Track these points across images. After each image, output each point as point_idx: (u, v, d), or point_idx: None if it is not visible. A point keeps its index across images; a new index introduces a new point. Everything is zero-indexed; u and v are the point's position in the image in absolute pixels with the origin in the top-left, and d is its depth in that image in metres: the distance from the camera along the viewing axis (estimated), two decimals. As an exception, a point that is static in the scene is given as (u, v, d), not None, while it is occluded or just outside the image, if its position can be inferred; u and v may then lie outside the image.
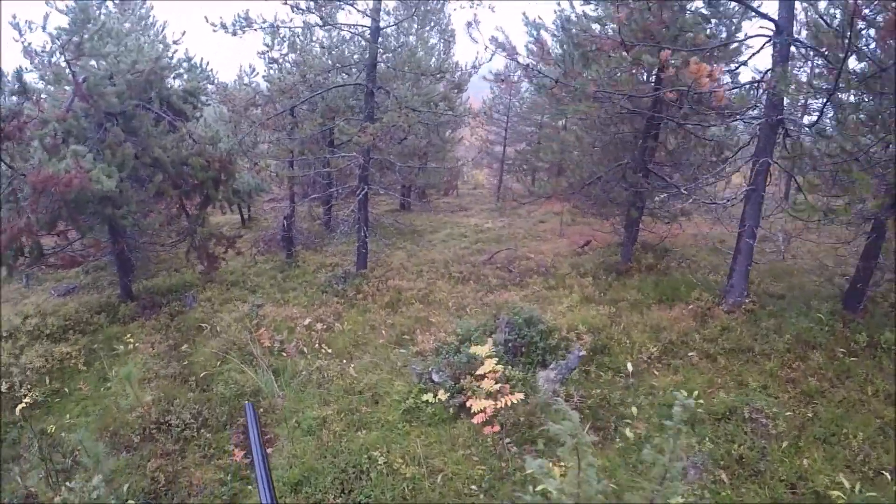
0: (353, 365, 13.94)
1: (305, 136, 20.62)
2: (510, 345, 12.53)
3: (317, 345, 15.30)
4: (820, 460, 10.02)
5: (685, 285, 18.07)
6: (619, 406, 11.94)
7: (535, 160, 38.17)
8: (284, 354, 14.87)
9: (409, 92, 18.75)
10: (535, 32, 15.49)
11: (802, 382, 12.23)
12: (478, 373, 10.40)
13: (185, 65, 24.90)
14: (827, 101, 11.94)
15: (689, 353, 14.01)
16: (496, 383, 10.03)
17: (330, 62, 20.84)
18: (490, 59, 16.97)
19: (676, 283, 18.52)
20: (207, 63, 29.45)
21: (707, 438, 10.72)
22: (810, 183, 14.21)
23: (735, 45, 17.08)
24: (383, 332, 15.98)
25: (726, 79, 15.73)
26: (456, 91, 22.88)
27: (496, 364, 10.21)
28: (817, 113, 13.87)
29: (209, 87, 28.33)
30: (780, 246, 16.80)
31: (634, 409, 11.72)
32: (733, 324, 15.15)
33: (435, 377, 11.80)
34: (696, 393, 11.96)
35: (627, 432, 10.96)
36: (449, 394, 11.27)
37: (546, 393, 11.84)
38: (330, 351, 14.68)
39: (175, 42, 26.97)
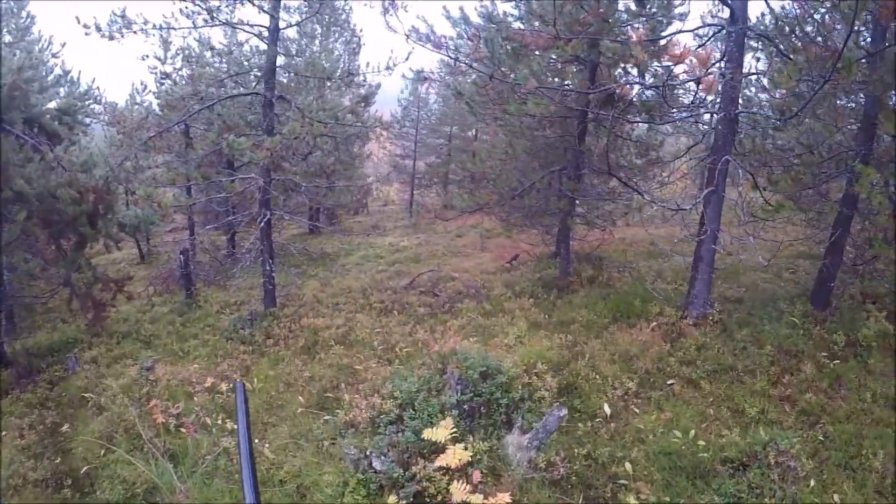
0: (267, 443, 10.55)
1: (199, 157, 17.04)
2: (465, 406, 9.44)
3: (222, 415, 11.86)
4: (850, 492, 8.38)
5: (639, 299, 15.53)
6: (609, 465, 9.17)
7: (448, 173, 35.57)
8: (183, 431, 11.29)
9: (313, 104, 15.46)
10: (463, 25, 12.86)
11: (799, 400, 10.64)
12: (439, 464, 7.26)
13: (60, 80, 21.02)
14: (816, 93, 9.60)
15: (669, 382, 11.75)
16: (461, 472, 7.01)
17: (224, 69, 17.35)
18: (407, 58, 13.96)
19: (628, 296, 15.94)
20: (94, 80, 25.42)
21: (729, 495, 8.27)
22: (773, 181, 12.85)
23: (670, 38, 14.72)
24: (301, 389, 12.58)
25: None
26: (363, 105, 19.85)
27: (460, 448, 7.17)
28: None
29: (95, 106, 24.46)
30: (749, 249, 14.53)
31: (629, 466, 9.07)
32: (707, 340, 13.10)
33: (376, 463, 8.48)
34: (692, 433, 9.74)
35: (631, 501, 8.18)
36: (398, 489, 8.00)
37: (520, 465, 8.85)
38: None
39: (54, 55, 22.83)
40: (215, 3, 14.27)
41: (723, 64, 13.17)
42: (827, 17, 12.63)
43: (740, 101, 14.48)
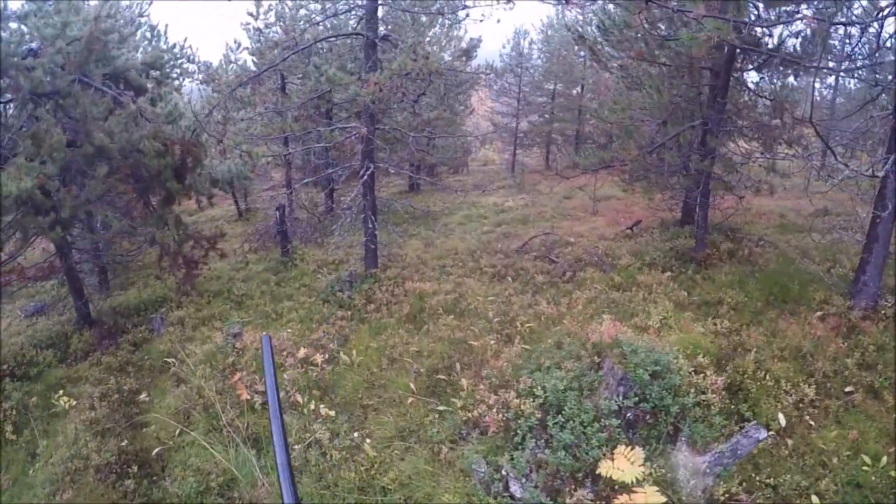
0: (368, 437, 8.39)
1: (294, 106, 14.88)
2: (628, 414, 6.98)
3: (315, 393, 9.79)
4: None
5: (795, 281, 12.60)
6: (792, 497, 6.88)
7: (551, 132, 32.61)
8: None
9: (421, 44, 13.00)
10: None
11: None
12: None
13: (147, 35, 19.31)
14: None
15: (847, 389, 9.26)
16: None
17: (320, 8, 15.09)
18: None
19: (780, 276, 13.06)
20: (185, 39, 23.97)
21: None
22: None
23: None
24: (407, 367, 10.37)
25: None
26: (464, 59, 17.29)
27: (654, 492, 4.72)
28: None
29: (189, 65, 22.82)
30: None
31: (815, 501, 6.80)
32: (887, 339, 10.38)
33: (515, 487, 6.13)
34: (883, 460, 7.62)
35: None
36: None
37: (693, 494, 6.38)
38: (331, 411, 8.93)
39: (141, 15, 21.17)
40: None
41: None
42: None
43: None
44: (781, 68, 14.11)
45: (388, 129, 15.11)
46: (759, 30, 12.30)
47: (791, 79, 14.97)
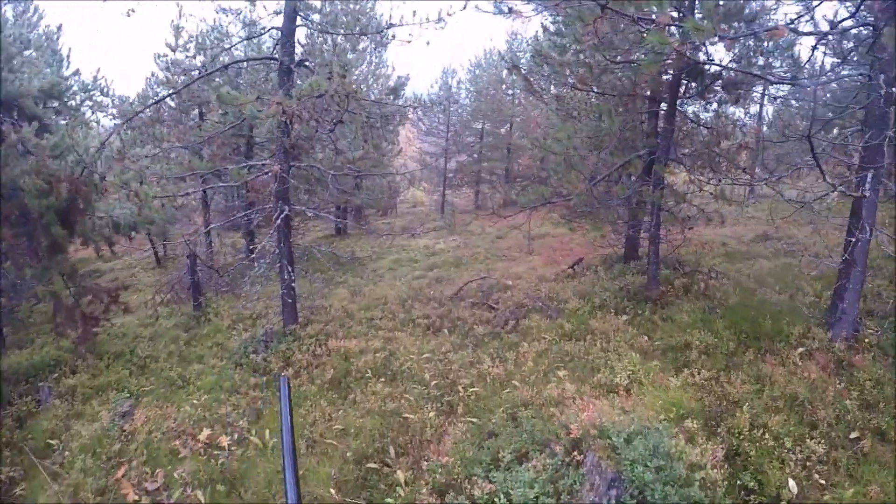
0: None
1: (202, 140, 12.65)
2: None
3: (220, 489, 7.45)
4: None
5: (766, 315, 11.04)
6: None
7: (480, 171, 31.09)
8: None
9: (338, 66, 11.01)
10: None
11: None
12: None
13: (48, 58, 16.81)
14: None
15: (851, 436, 7.78)
16: None
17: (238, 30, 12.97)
18: (464, 7, 9.28)
19: (746, 311, 11.46)
20: (98, 70, 21.47)
21: None
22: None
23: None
24: (330, 452, 8.14)
25: None
26: (392, 97, 15.44)
27: None
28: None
29: (103, 98, 20.30)
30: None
31: None
32: (880, 371, 9.03)
33: None
34: None
35: None
36: None
37: None
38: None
39: (47, 37, 18.54)
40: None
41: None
42: None
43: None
44: (724, 93, 12.81)
45: (305, 168, 12.95)
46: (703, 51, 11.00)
47: (730, 107, 13.80)
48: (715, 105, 13.36)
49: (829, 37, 9.69)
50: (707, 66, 11.81)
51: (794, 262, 15.00)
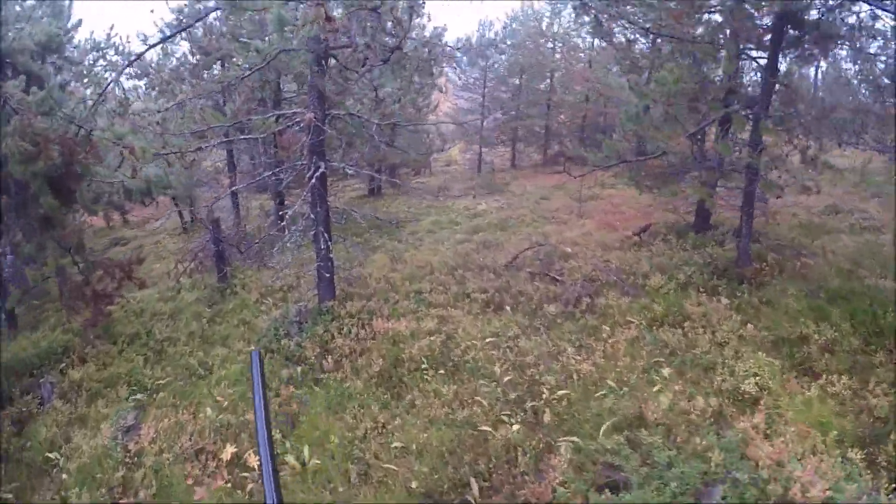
0: None
1: (221, 89, 10.44)
2: None
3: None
4: None
5: (884, 305, 8.84)
6: None
7: (517, 128, 28.54)
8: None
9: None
10: None
11: None
12: None
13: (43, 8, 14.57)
14: None
15: None
16: None
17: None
18: None
19: (855, 297, 9.37)
20: (112, 27, 19.26)
21: None
22: None
23: None
24: (390, 481, 6.11)
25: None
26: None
27: None
28: None
29: (117, 58, 18.06)
30: None
31: None
32: None
33: None
34: None
35: None
36: None
37: None
38: None
39: None
40: None
41: None
42: None
43: None
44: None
45: (343, 116, 10.67)
46: None
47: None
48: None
49: None
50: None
51: (875, 239, 12.75)
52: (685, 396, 6.87)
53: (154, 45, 9.62)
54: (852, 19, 10.11)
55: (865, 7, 10.16)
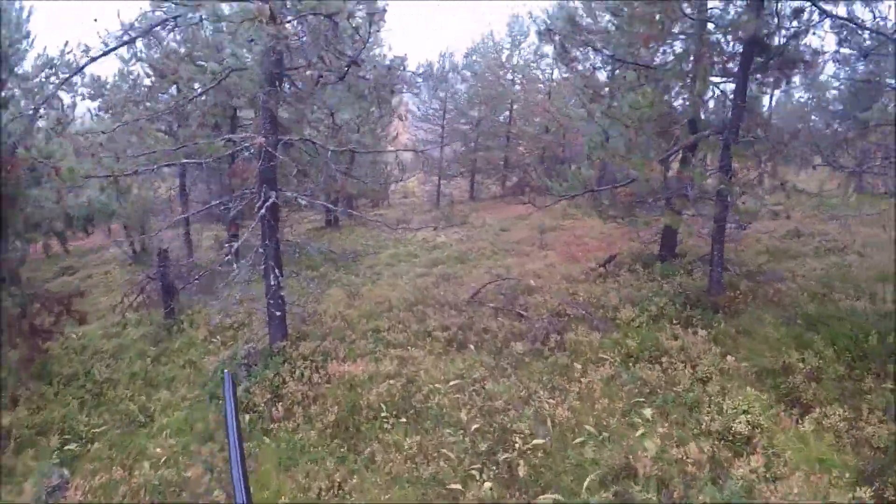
0: None
1: (175, 103, 9.63)
2: None
3: None
4: None
5: (862, 328, 8.48)
6: None
7: (476, 160, 28.15)
8: None
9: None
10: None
11: None
12: None
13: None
14: None
15: None
16: None
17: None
18: None
19: (842, 325, 8.83)
20: (66, 44, 18.15)
21: None
22: None
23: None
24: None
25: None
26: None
27: None
28: None
29: (74, 78, 16.96)
30: None
31: None
32: None
33: None
34: None
35: None
36: None
37: None
38: None
39: None
40: None
41: None
42: None
43: None
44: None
45: (297, 142, 9.89)
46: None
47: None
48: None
49: None
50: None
51: (841, 260, 12.54)
52: (673, 441, 6.22)
53: (95, 59, 8.63)
54: (817, 43, 9.97)
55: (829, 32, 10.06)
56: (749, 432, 6.25)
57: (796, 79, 12.84)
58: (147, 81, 15.98)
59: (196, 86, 12.29)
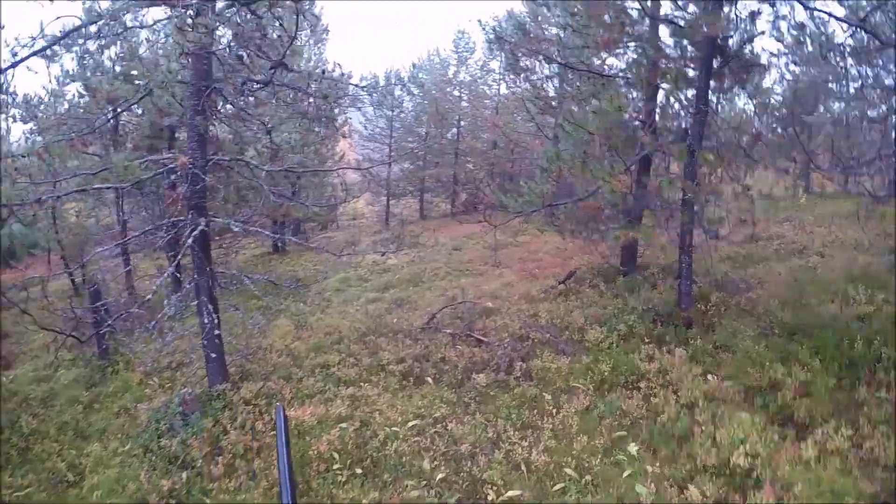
0: None
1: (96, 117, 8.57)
2: None
3: None
4: None
5: (845, 334, 7.93)
6: None
7: (425, 178, 27.45)
8: None
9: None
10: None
11: None
12: None
13: None
14: None
15: None
16: None
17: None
18: None
19: (824, 333, 8.18)
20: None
21: None
22: None
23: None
24: None
25: None
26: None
27: None
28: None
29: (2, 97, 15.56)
30: None
31: None
32: None
33: None
34: None
35: None
36: None
37: None
38: None
39: None
40: None
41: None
42: None
43: None
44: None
45: (228, 163, 8.87)
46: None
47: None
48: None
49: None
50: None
51: (805, 263, 12.23)
52: (667, 481, 5.44)
53: (5, 70, 7.49)
54: (774, 46, 9.58)
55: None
56: (749, 464, 5.52)
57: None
58: (80, 101, 14.86)
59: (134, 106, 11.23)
